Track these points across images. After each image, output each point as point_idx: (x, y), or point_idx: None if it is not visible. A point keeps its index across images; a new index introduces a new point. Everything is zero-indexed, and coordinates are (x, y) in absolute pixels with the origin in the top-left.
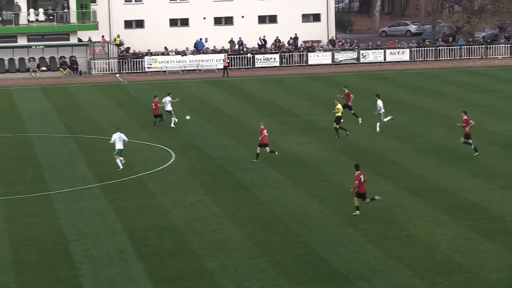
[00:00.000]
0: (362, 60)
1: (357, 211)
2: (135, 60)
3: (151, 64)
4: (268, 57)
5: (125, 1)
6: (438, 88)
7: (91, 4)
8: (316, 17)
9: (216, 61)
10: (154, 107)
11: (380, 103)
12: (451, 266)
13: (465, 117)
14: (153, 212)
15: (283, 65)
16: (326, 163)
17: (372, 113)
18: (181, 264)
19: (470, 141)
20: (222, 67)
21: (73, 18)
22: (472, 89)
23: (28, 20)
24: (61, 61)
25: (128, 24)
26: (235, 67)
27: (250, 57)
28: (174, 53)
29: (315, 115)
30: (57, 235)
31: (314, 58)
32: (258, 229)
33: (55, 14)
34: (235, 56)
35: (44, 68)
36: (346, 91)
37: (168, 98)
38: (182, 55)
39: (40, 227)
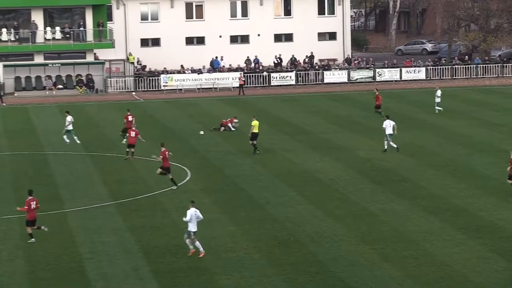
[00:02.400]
0: (378, 78)
1: (32, 239)
2: (151, 78)
3: (167, 82)
4: (284, 76)
5: (142, 20)
6: (454, 106)
7: (108, 22)
8: (332, 36)
9: (232, 79)
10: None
11: (69, 118)
12: (467, 285)
13: (163, 149)
14: (168, 230)
15: (299, 83)
16: (341, 181)
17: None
18: (196, 282)
19: (170, 175)
20: (238, 85)
21: (90, 37)
22: (488, 107)
23: (45, 38)
24: (77, 79)
25: (145, 42)
26: (251, 85)
27: (266, 75)
28: (190, 71)
29: (331, 133)
30: (72, 253)
31: (330, 76)
32: (273, 248)
33: (71, 32)
34: (251, 74)
35: (60, 86)
36: None
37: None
38: (198, 73)
39: (55, 245)
